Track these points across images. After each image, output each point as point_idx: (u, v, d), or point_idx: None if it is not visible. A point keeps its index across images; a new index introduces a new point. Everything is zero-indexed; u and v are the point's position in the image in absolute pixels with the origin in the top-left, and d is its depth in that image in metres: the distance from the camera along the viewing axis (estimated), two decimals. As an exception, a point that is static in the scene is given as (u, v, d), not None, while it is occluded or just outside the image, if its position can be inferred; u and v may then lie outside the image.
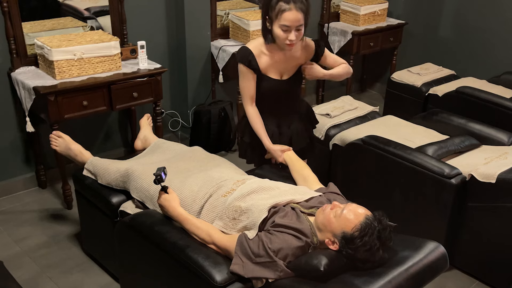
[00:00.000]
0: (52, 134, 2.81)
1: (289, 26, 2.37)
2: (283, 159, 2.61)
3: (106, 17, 3.53)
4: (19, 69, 3.21)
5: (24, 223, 3.20)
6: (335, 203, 1.95)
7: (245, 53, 2.54)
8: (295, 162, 2.56)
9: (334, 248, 1.87)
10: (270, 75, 2.60)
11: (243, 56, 2.54)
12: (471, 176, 2.67)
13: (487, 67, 4.51)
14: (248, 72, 2.56)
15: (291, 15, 2.35)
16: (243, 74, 2.58)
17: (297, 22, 2.37)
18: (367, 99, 5.15)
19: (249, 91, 2.60)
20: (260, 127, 2.64)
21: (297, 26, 2.39)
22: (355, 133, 3.20)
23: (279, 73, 2.62)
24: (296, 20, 2.37)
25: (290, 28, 2.38)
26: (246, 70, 2.55)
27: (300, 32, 2.43)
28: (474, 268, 2.84)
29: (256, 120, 2.63)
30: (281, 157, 2.61)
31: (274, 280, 1.87)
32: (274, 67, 2.59)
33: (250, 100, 2.62)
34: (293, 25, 2.37)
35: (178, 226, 2.12)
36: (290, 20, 2.36)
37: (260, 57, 2.55)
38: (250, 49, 2.54)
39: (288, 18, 2.36)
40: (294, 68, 2.64)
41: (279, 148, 2.62)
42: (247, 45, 2.57)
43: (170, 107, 4.10)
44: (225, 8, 4.17)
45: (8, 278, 2.01)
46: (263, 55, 2.56)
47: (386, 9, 4.85)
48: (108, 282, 2.74)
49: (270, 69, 2.59)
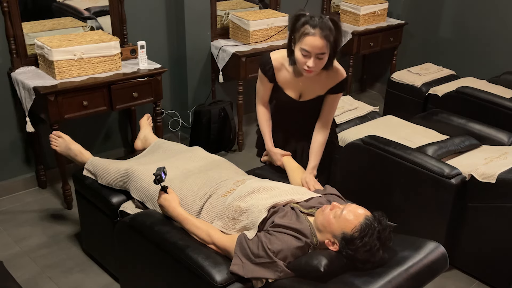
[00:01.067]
0: (52, 134, 2.81)
1: (309, 52, 2.23)
2: (281, 163, 2.60)
3: (106, 17, 3.54)
4: (19, 69, 3.21)
5: (24, 223, 3.20)
6: (334, 203, 1.94)
7: (266, 62, 2.47)
8: (293, 169, 2.55)
9: (334, 249, 1.87)
10: (287, 91, 2.51)
11: (263, 64, 2.48)
12: (471, 176, 2.67)
13: (487, 67, 4.51)
14: (263, 78, 2.51)
15: (314, 41, 2.20)
16: (260, 78, 2.54)
17: (318, 49, 2.22)
18: (367, 99, 5.15)
19: (262, 95, 2.58)
20: (265, 127, 2.63)
21: (318, 53, 2.23)
22: (355, 133, 3.20)
23: (297, 93, 2.51)
24: (317, 47, 2.21)
25: (310, 54, 2.23)
26: (263, 76, 2.51)
27: (322, 61, 2.27)
28: (474, 268, 2.84)
29: (263, 119, 2.63)
30: (280, 161, 2.60)
31: (274, 280, 1.87)
32: (292, 85, 2.49)
33: (261, 101, 2.60)
34: (313, 51, 2.22)
35: (178, 226, 2.12)
36: (311, 45, 2.21)
37: (281, 71, 2.47)
38: (271, 60, 2.45)
39: (309, 43, 2.21)
40: (315, 91, 2.49)
41: (280, 152, 2.62)
42: (271, 54, 2.48)
43: (170, 107, 4.10)
44: (225, 8, 4.17)
45: (8, 278, 2.01)
46: (284, 70, 2.46)
47: (386, 9, 4.85)
48: (108, 282, 2.74)
49: (288, 86, 2.50)
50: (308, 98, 2.52)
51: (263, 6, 4.42)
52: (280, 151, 2.62)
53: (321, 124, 2.56)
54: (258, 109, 2.63)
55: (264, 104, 2.61)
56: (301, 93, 2.51)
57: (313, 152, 2.56)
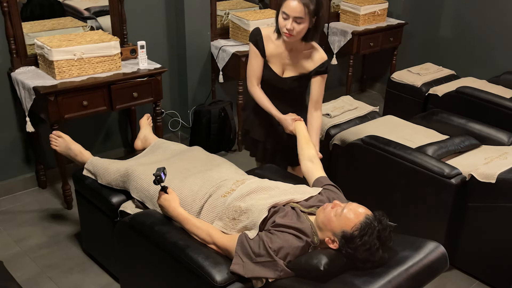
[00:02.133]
0: (52, 134, 2.81)
1: (288, 14, 2.41)
2: (293, 127, 2.61)
3: (106, 17, 3.53)
4: (19, 69, 3.21)
5: (24, 223, 3.20)
6: (336, 202, 1.95)
7: (255, 33, 2.63)
8: (305, 135, 2.55)
9: (333, 247, 1.87)
10: (272, 65, 2.64)
11: (252, 35, 2.63)
12: (471, 176, 2.67)
13: (487, 67, 4.51)
14: (255, 51, 2.63)
15: (292, 4, 2.39)
16: (250, 53, 2.66)
17: (296, 13, 2.40)
18: (367, 99, 5.15)
19: (254, 71, 2.65)
20: (267, 102, 2.67)
21: (296, 17, 2.41)
22: (355, 133, 3.20)
23: (281, 67, 2.64)
24: (295, 10, 2.39)
25: (289, 17, 2.42)
26: (254, 49, 2.63)
27: (300, 26, 2.43)
28: (474, 268, 2.84)
29: (262, 97, 2.68)
30: (291, 125, 2.61)
31: (274, 280, 1.87)
32: (277, 58, 2.62)
33: (255, 80, 2.67)
34: (291, 14, 2.41)
35: (178, 226, 2.12)
36: (289, 8, 2.40)
37: (268, 43, 2.60)
38: (261, 31, 2.61)
39: (288, 6, 2.41)
40: (297, 69, 2.64)
41: (290, 117, 2.63)
42: (261, 28, 2.64)
43: (170, 107, 4.10)
44: (225, 8, 4.17)
45: (8, 278, 2.01)
46: (271, 42, 2.61)
47: (386, 9, 4.85)
48: (108, 282, 2.74)
49: (273, 60, 2.63)
50: (291, 75, 2.65)
51: (263, 6, 4.42)
52: (289, 116, 2.64)
53: (314, 106, 2.70)
54: (253, 91, 2.69)
55: (258, 84, 2.68)
56: (284, 68, 2.65)
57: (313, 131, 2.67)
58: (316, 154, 2.47)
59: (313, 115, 2.70)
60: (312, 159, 2.43)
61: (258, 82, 2.68)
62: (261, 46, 2.61)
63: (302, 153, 2.48)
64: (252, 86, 2.68)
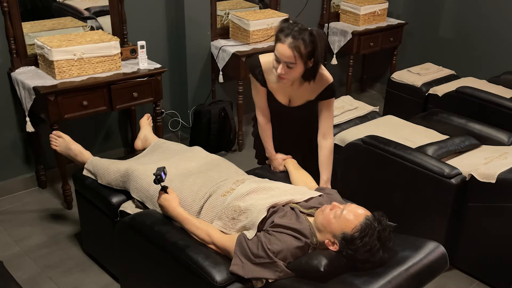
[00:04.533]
0: (52, 134, 2.81)
1: (279, 58, 2.22)
2: (283, 167, 2.61)
3: (106, 17, 3.53)
4: (19, 69, 3.21)
5: (24, 223, 3.20)
6: (334, 203, 1.94)
7: (254, 65, 2.45)
8: (295, 171, 2.55)
9: (334, 249, 1.87)
10: (277, 96, 2.50)
11: (252, 67, 2.47)
12: (471, 176, 2.67)
13: (487, 67, 4.51)
14: (256, 83, 2.50)
15: (282, 48, 2.18)
16: (252, 84, 2.53)
17: (286, 58, 2.19)
18: (367, 99, 5.15)
19: (259, 103, 2.56)
20: (266, 136, 2.62)
21: (286, 62, 2.20)
22: (355, 133, 3.20)
23: (287, 98, 2.51)
24: (284, 55, 2.19)
25: (280, 61, 2.22)
26: (255, 81, 2.50)
27: (293, 70, 2.23)
28: (474, 268, 2.84)
29: (263, 128, 2.62)
30: (281, 165, 2.62)
31: (274, 280, 1.87)
32: (281, 90, 2.48)
33: (260, 111, 2.58)
34: (282, 59, 2.20)
35: (178, 226, 2.12)
36: (279, 51, 2.20)
37: (269, 74, 2.43)
38: (260, 62, 2.44)
39: (278, 50, 2.20)
40: (303, 97, 2.48)
41: (281, 157, 2.63)
42: (260, 57, 2.45)
43: (170, 107, 4.10)
44: (225, 8, 4.17)
45: (8, 278, 2.01)
46: (271, 73, 2.40)
47: (386, 9, 4.85)
48: (108, 282, 2.74)
49: (277, 91, 2.49)
50: (297, 104, 2.51)
51: (263, 6, 4.42)
52: (281, 156, 2.63)
53: (323, 133, 2.52)
54: (258, 119, 2.61)
55: (264, 112, 2.58)
56: (290, 98, 2.51)
57: (323, 165, 2.51)
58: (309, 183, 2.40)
59: (322, 145, 2.50)
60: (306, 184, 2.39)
61: (263, 113, 2.57)
62: (262, 79, 2.45)
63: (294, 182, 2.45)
64: (257, 114, 2.59)
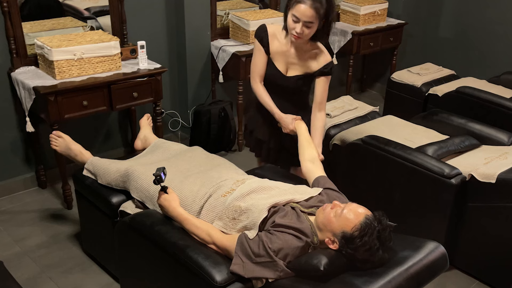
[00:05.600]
0: (52, 134, 2.81)
1: (299, 18, 2.40)
2: (294, 127, 2.62)
3: (106, 17, 3.53)
4: (19, 69, 3.21)
5: (24, 223, 3.20)
6: (335, 202, 1.95)
7: (261, 30, 2.62)
8: (305, 135, 2.56)
9: (333, 247, 1.87)
10: (276, 63, 2.63)
11: (258, 31, 2.63)
12: (471, 176, 2.67)
13: (487, 67, 4.51)
14: (259, 47, 2.62)
15: (304, 9, 2.37)
16: (255, 49, 2.66)
17: (307, 17, 2.38)
18: (367, 99, 5.15)
19: (258, 68, 2.66)
20: (268, 100, 2.68)
21: (306, 21, 2.40)
22: (355, 133, 3.20)
23: (285, 65, 2.64)
24: (306, 15, 2.38)
25: (299, 21, 2.40)
26: (258, 46, 2.63)
27: (310, 29, 2.43)
28: (474, 268, 2.84)
29: (263, 94, 2.68)
30: (292, 124, 2.63)
31: (274, 280, 1.87)
32: (282, 56, 2.62)
33: (258, 78, 2.67)
34: (302, 18, 2.39)
35: (178, 226, 2.12)
36: (300, 12, 2.38)
37: (273, 40, 2.61)
38: (267, 28, 2.61)
39: (299, 10, 2.38)
40: (301, 68, 2.63)
41: (290, 116, 2.64)
42: (266, 24, 2.63)
43: (170, 107, 4.10)
44: (225, 8, 4.17)
45: (8, 278, 2.01)
46: (276, 40, 2.60)
47: (386, 9, 4.85)
48: (108, 282, 2.74)
49: (278, 57, 2.62)
50: (295, 74, 2.63)
51: (263, 6, 4.42)
52: (290, 115, 2.65)
53: (318, 106, 2.68)
54: (255, 87, 2.70)
55: (261, 81, 2.68)
56: (288, 67, 2.64)
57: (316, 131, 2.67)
58: (317, 155, 2.48)
59: (317, 116, 2.69)
60: (313, 160, 2.43)
61: (261, 80, 2.68)
62: (266, 43, 2.61)
63: (302, 154, 2.48)
64: (255, 83, 2.69)
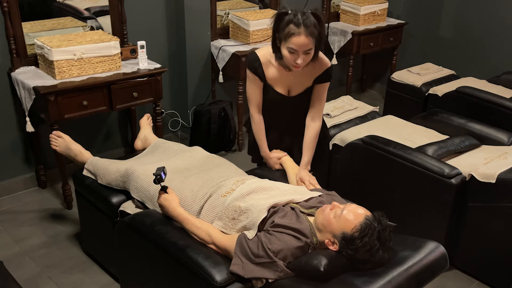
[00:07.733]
0: (52, 134, 2.81)
1: (297, 50, 2.27)
2: (279, 166, 2.63)
3: (106, 17, 3.53)
4: (19, 69, 3.21)
5: (24, 223, 3.20)
6: (334, 203, 1.95)
7: (253, 60, 2.48)
8: (291, 168, 2.57)
9: (334, 248, 1.87)
10: (276, 88, 2.53)
11: (250, 62, 2.49)
12: (471, 176, 2.67)
13: (487, 67, 4.51)
14: (254, 78, 2.50)
15: (300, 40, 2.24)
16: (249, 80, 2.53)
17: (305, 47, 2.26)
18: (367, 99, 5.15)
19: (255, 98, 2.55)
20: (260, 135, 2.63)
21: (305, 50, 2.28)
22: (355, 133, 3.20)
23: (286, 88, 2.54)
24: (304, 45, 2.25)
25: (298, 52, 2.28)
26: (252, 77, 2.50)
27: (309, 55, 2.31)
28: (474, 268, 2.84)
29: (258, 128, 2.62)
30: (277, 164, 2.63)
31: (274, 280, 1.87)
32: (281, 81, 2.51)
33: (255, 108, 2.57)
34: (301, 49, 2.27)
35: (178, 226, 2.12)
36: (297, 44, 2.25)
37: (268, 67, 2.48)
38: (258, 56, 2.47)
39: (296, 43, 2.25)
40: (302, 85, 2.53)
41: (276, 155, 2.64)
42: (257, 51, 2.49)
43: (170, 107, 4.10)
44: (225, 8, 4.17)
45: (8, 278, 2.01)
46: (271, 66, 2.48)
47: (386, 9, 4.85)
48: (108, 282, 2.74)
49: (277, 83, 2.51)
50: (297, 93, 2.55)
51: (263, 6, 4.42)
52: (276, 154, 2.63)
53: (312, 115, 2.59)
54: (252, 116, 2.60)
55: (259, 111, 2.59)
56: (289, 89, 2.55)
57: (305, 146, 2.61)
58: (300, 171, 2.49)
59: (310, 127, 2.59)
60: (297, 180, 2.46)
61: (259, 110, 2.57)
62: (261, 74, 2.48)
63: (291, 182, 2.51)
64: (253, 112, 2.58)
